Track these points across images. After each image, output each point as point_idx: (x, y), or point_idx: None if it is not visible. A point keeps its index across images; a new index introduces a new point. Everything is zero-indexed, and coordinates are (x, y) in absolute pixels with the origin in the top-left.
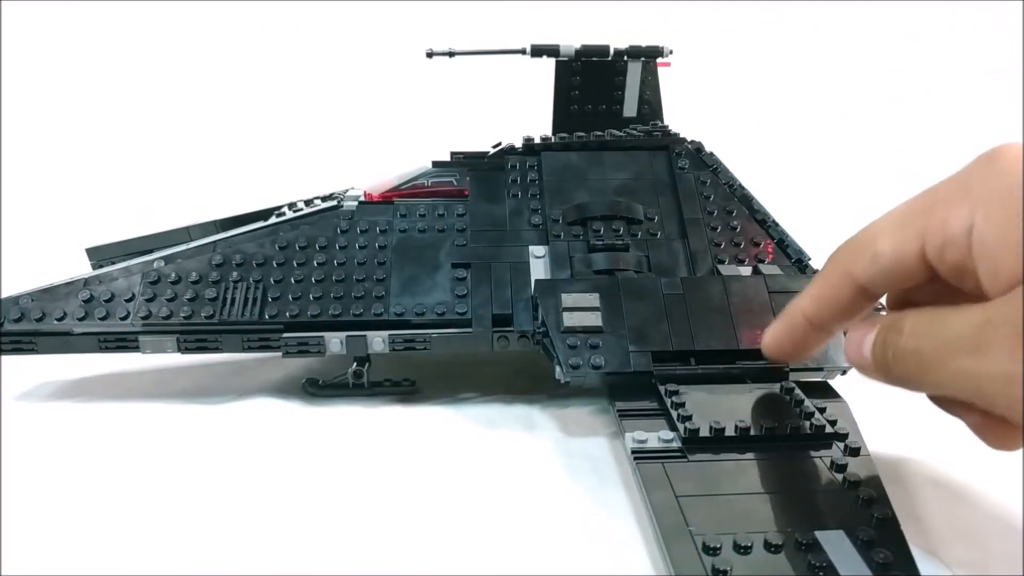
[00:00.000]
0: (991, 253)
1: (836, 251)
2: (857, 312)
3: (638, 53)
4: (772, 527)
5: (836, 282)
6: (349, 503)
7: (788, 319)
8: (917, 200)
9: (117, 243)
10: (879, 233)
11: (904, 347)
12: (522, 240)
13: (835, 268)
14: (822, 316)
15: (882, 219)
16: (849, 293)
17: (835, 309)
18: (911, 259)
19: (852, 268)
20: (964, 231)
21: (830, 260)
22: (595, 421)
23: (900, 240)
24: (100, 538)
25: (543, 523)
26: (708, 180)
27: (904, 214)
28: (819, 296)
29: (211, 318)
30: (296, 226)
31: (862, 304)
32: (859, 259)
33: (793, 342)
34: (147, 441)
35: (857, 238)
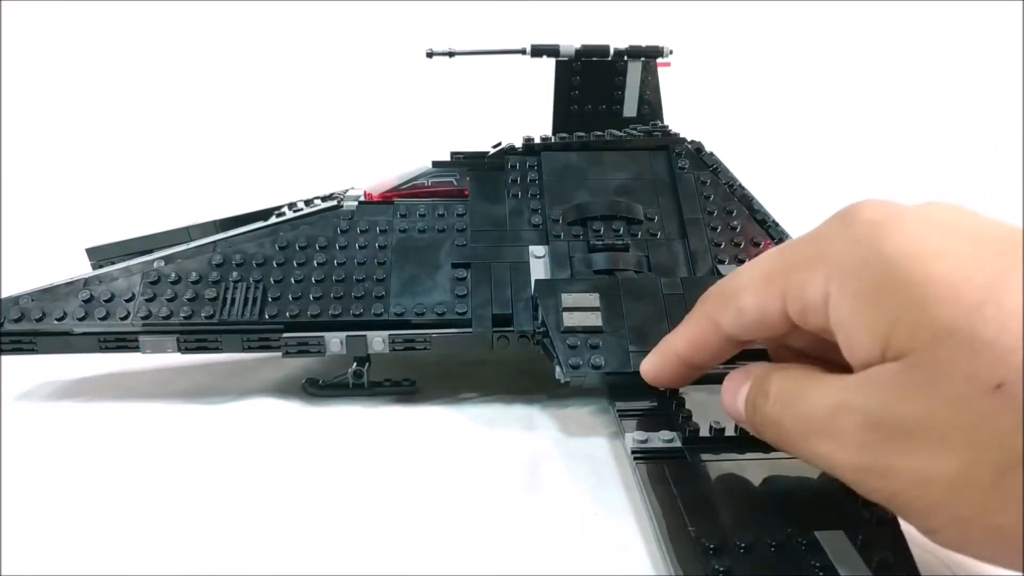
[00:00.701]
0: (845, 327)
1: (704, 296)
2: (728, 354)
3: (638, 53)
4: (772, 527)
5: (704, 328)
6: (349, 503)
7: (663, 355)
8: (777, 256)
9: (117, 243)
10: (743, 288)
11: (768, 414)
12: (522, 240)
13: (703, 314)
14: (693, 358)
15: (747, 271)
16: (716, 340)
17: (705, 353)
18: (775, 318)
19: (719, 318)
20: (821, 299)
21: (700, 303)
22: (595, 421)
23: (763, 299)
24: (100, 538)
25: (543, 523)
26: (708, 180)
27: (766, 271)
28: (690, 339)
29: (211, 318)
30: (296, 226)
31: (731, 349)
32: (725, 311)
33: (669, 375)
34: (147, 441)
35: (724, 287)
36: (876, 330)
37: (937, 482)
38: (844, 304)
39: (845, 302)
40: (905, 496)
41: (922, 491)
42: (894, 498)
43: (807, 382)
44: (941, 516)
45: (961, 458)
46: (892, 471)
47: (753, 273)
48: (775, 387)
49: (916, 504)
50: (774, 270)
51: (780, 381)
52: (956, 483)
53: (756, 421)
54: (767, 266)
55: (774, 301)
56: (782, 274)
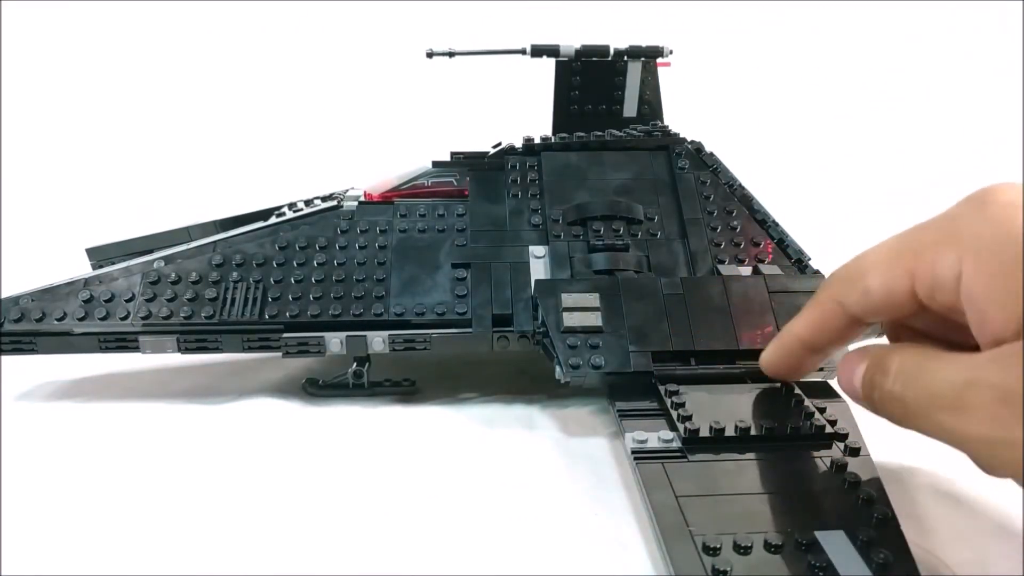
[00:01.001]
0: (978, 304)
1: (829, 278)
2: (851, 338)
3: (638, 53)
4: (772, 527)
5: (828, 311)
6: (349, 503)
7: (784, 343)
8: (907, 237)
9: (117, 243)
10: (870, 268)
11: (889, 390)
12: (522, 240)
13: (827, 297)
14: (816, 342)
15: (873, 252)
16: (841, 322)
17: (828, 336)
18: (901, 296)
19: (844, 299)
20: (953, 277)
21: (823, 287)
22: (595, 421)
23: (890, 278)
24: (100, 538)
25: (543, 523)
26: (708, 180)
27: (894, 251)
28: (813, 324)
29: (211, 318)
30: (296, 226)
31: (855, 331)
32: (850, 292)
33: (789, 365)
34: (147, 441)
35: (849, 269)
36: (1010, 308)
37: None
38: (978, 282)
39: (979, 280)
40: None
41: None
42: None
43: (931, 359)
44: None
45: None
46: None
47: (880, 254)
48: (896, 364)
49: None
50: (903, 250)
51: (902, 359)
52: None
53: (875, 398)
54: (895, 246)
55: (902, 280)
56: (912, 253)
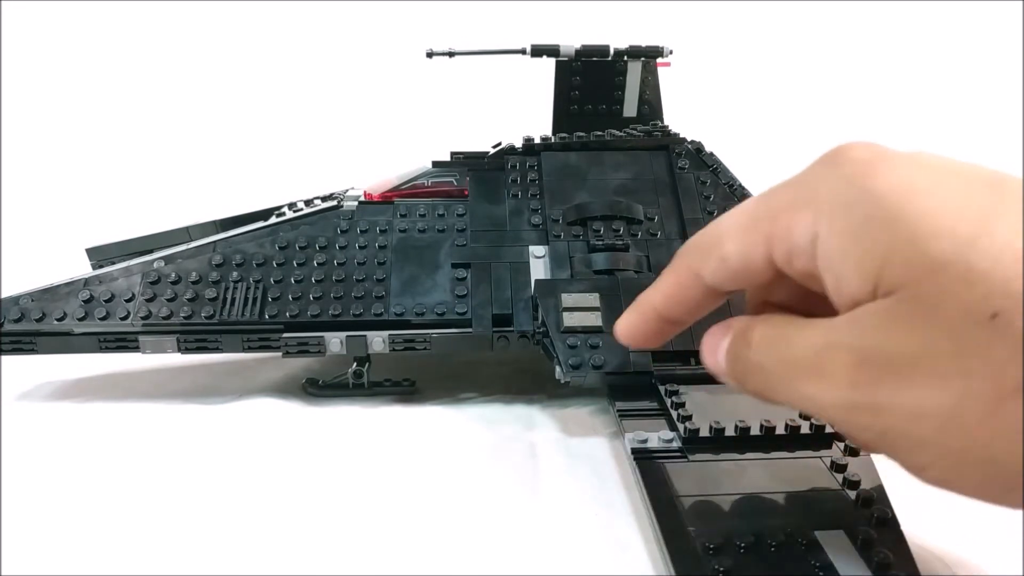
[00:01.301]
0: (835, 265)
1: (684, 247)
2: (708, 308)
3: (638, 53)
4: (772, 527)
5: (684, 280)
6: (349, 503)
7: (640, 312)
8: (762, 201)
9: (117, 243)
10: (725, 235)
11: (751, 360)
12: (522, 240)
13: (683, 266)
14: (672, 312)
15: (728, 218)
16: (698, 292)
17: (686, 306)
18: (759, 263)
19: (700, 269)
20: (809, 240)
21: (678, 256)
22: (595, 421)
23: (746, 244)
24: (100, 538)
25: (543, 523)
26: (708, 180)
27: (750, 216)
28: (669, 293)
29: (211, 318)
30: (296, 226)
31: (713, 301)
32: (707, 260)
33: (645, 334)
34: (147, 441)
35: (704, 237)
36: (866, 267)
37: (930, 415)
38: (833, 243)
39: (834, 241)
40: (896, 432)
41: (914, 426)
42: (884, 436)
43: (791, 326)
44: (932, 451)
45: (956, 390)
46: (884, 407)
47: (735, 220)
48: (757, 334)
49: (907, 440)
50: (757, 215)
51: (762, 328)
52: (950, 415)
53: (738, 371)
54: (750, 211)
55: (759, 246)
56: (767, 218)
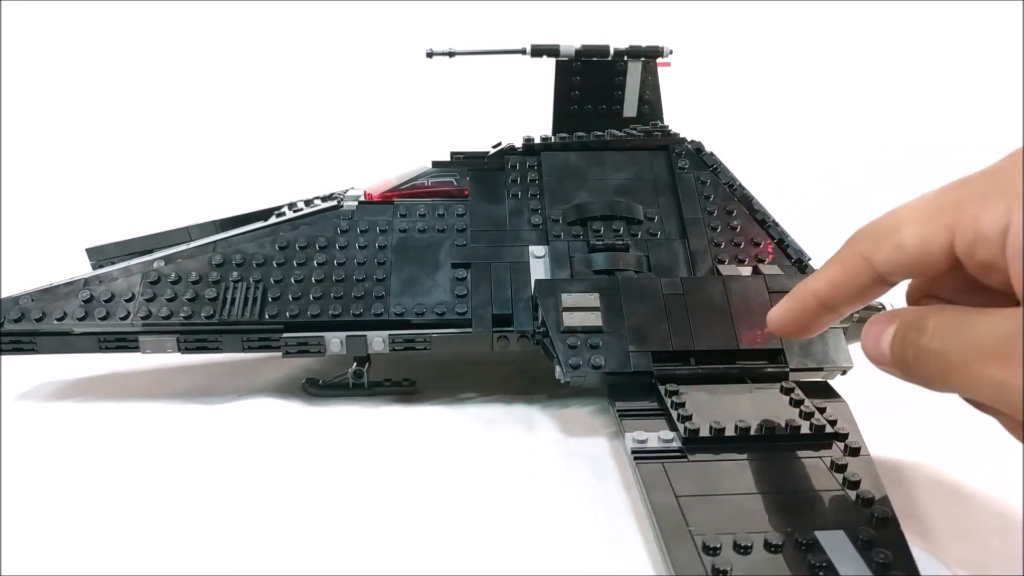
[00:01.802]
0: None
1: (856, 235)
2: (871, 297)
3: (638, 53)
4: (772, 527)
5: (853, 267)
6: (349, 503)
7: (799, 298)
8: (948, 191)
9: (117, 243)
10: (905, 222)
11: (926, 347)
12: (522, 240)
13: (853, 253)
14: (835, 299)
15: (908, 207)
16: (866, 279)
17: (849, 293)
18: (937, 252)
19: (872, 255)
20: (998, 230)
21: (848, 243)
22: (595, 421)
23: (927, 232)
24: (100, 538)
25: (543, 523)
26: (708, 180)
27: (933, 205)
28: (834, 279)
29: (211, 318)
30: (296, 226)
31: (878, 290)
32: (881, 247)
33: (801, 321)
34: (147, 441)
35: (880, 224)
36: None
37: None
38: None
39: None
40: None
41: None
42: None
43: (970, 314)
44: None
45: None
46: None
47: (917, 209)
48: (933, 321)
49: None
50: (943, 203)
51: (939, 315)
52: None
53: (908, 357)
54: (935, 201)
55: (941, 234)
56: (953, 206)
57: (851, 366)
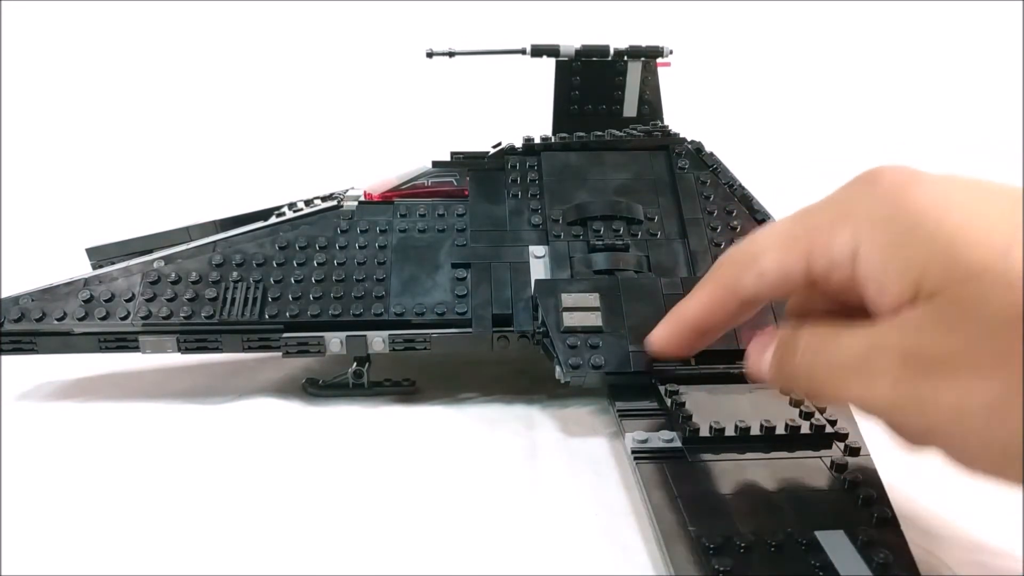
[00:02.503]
0: (876, 276)
1: (720, 264)
2: (743, 318)
3: (638, 53)
4: (772, 527)
5: (719, 297)
6: (349, 503)
7: (675, 324)
8: (799, 219)
9: (117, 243)
10: (763, 252)
11: (798, 365)
12: (522, 240)
13: (719, 283)
14: (706, 324)
15: (765, 235)
16: (732, 306)
17: (719, 319)
18: (796, 277)
19: (737, 284)
20: (849, 254)
21: (714, 273)
22: (595, 421)
23: (786, 260)
24: (100, 538)
25: (543, 523)
26: (708, 180)
27: (788, 234)
28: (704, 308)
29: (211, 318)
30: (296, 226)
31: (748, 312)
32: (744, 275)
33: (680, 345)
34: (147, 441)
35: (741, 253)
36: (907, 275)
37: (975, 411)
38: (874, 255)
39: (875, 254)
40: (943, 428)
41: (960, 421)
42: (931, 432)
43: (835, 330)
44: (979, 445)
45: (997, 385)
46: (930, 404)
47: (773, 237)
48: (803, 341)
49: (954, 435)
50: (796, 232)
51: (808, 336)
52: (993, 409)
53: (784, 375)
54: (788, 229)
55: (797, 261)
56: (805, 236)
57: None
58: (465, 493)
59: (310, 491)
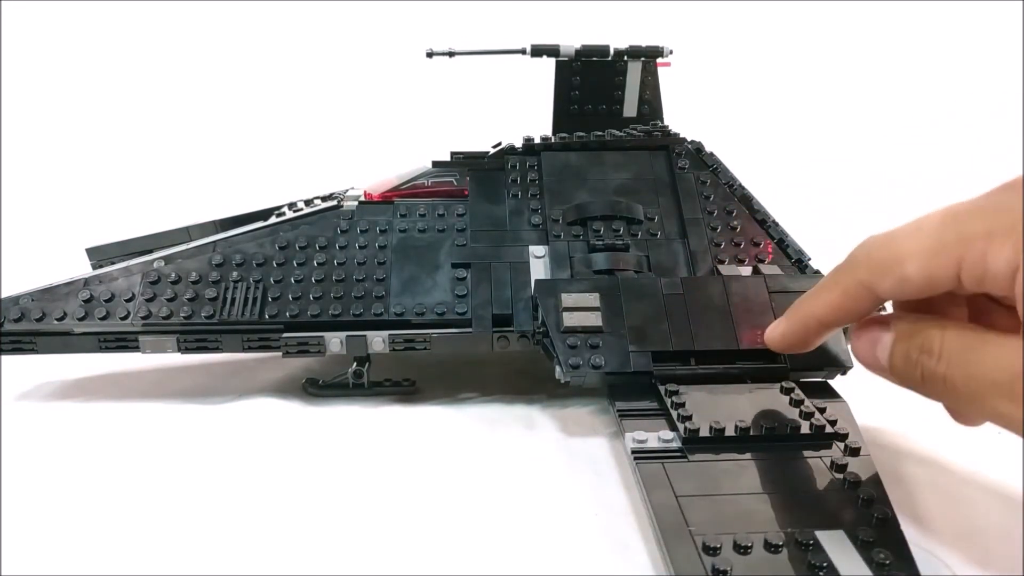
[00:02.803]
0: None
1: (855, 260)
2: (870, 313)
3: (638, 53)
4: (772, 527)
5: (856, 295)
6: (349, 503)
7: (800, 321)
8: (950, 225)
9: (117, 243)
10: (908, 256)
11: (934, 371)
12: (522, 240)
13: (854, 282)
14: (837, 321)
15: (908, 238)
16: (868, 305)
17: (851, 316)
18: (943, 283)
19: (876, 285)
20: (1008, 270)
21: (848, 270)
22: (595, 421)
23: (932, 267)
24: (100, 538)
25: (543, 523)
26: (708, 180)
27: (937, 239)
28: (837, 306)
29: (211, 318)
30: (296, 226)
31: (876, 308)
32: (884, 279)
33: (803, 340)
34: (147, 441)
35: (882, 255)
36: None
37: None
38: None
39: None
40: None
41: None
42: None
43: (980, 342)
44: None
45: None
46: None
47: (919, 242)
48: (941, 345)
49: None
50: (946, 240)
51: (947, 339)
52: None
53: (917, 376)
54: (938, 234)
55: (947, 269)
56: (957, 244)
57: (851, 366)
58: (465, 493)
59: (310, 491)
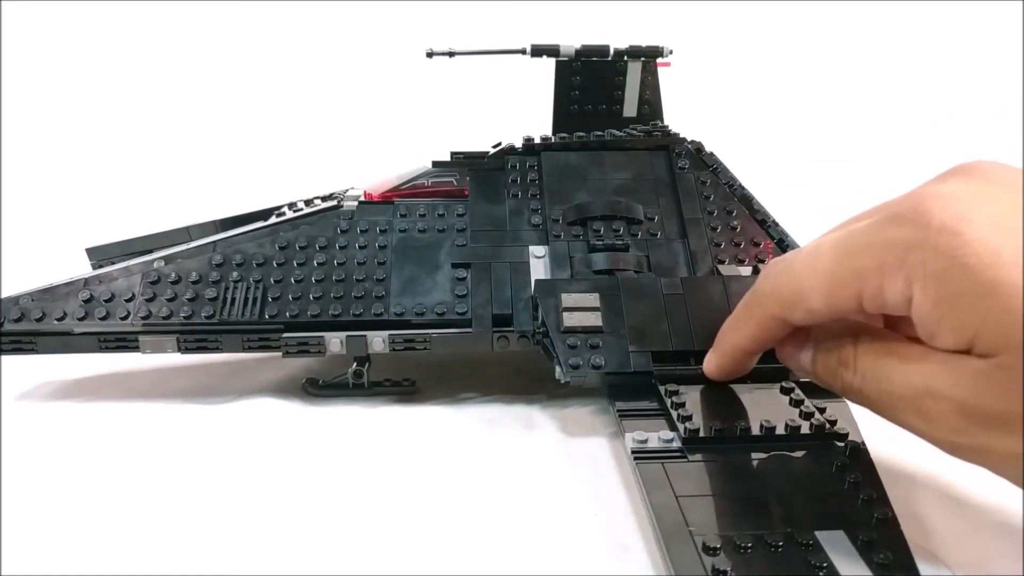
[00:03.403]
0: (929, 327)
1: (763, 299)
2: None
3: (638, 53)
4: (772, 527)
5: (771, 326)
6: (349, 503)
7: (729, 354)
8: (843, 259)
9: (117, 243)
10: (810, 291)
11: (851, 383)
12: (522, 240)
13: (767, 316)
14: (758, 349)
15: (808, 272)
16: (782, 332)
17: (770, 343)
18: (848, 311)
19: (787, 317)
20: (903, 300)
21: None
22: (595, 421)
23: (835, 300)
24: (100, 538)
25: (543, 523)
26: (708, 180)
27: (833, 276)
28: (755, 337)
29: (211, 318)
30: (296, 226)
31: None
32: (792, 312)
33: (733, 369)
34: (147, 441)
35: (786, 291)
36: (961, 332)
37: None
38: (927, 310)
39: (928, 308)
40: (998, 464)
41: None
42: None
43: (889, 356)
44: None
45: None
46: (985, 449)
47: (819, 276)
48: (854, 359)
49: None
50: (843, 273)
51: (860, 354)
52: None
53: (837, 386)
54: (832, 269)
55: (848, 301)
56: (855, 278)
57: None
58: (465, 493)
59: (310, 491)
